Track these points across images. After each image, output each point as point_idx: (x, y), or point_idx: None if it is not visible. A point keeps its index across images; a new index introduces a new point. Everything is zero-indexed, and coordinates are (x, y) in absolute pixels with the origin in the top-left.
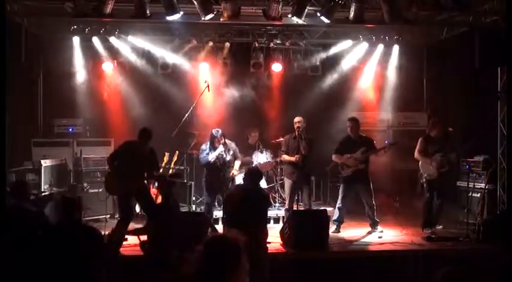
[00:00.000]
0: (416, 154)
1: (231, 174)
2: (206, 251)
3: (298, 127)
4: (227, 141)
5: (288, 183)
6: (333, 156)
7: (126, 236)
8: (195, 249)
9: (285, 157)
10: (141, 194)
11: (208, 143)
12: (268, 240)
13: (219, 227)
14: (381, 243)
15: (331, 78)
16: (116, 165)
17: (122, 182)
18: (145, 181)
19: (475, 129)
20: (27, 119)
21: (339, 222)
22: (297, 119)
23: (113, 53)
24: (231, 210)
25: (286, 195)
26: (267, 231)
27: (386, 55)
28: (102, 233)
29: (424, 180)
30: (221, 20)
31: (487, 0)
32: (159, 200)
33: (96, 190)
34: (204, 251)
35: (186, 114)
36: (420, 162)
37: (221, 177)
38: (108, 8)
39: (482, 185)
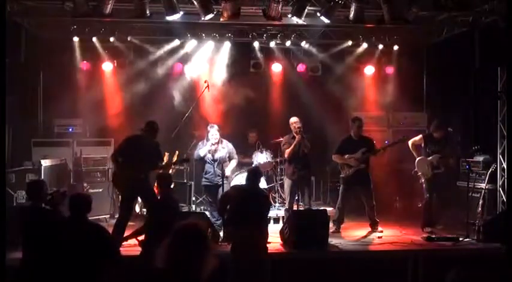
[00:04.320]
0: (410, 143)
1: (224, 170)
2: (173, 240)
3: (299, 127)
4: (224, 141)
5: (288, 183)
6: (333, 157)
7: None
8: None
9: (288, 149)
10: (146, 191)
11: (205, 139)
12: (268, 240)
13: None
14: (380, 243)
15: (331, 78)
16: (121, 161)
17: (129, 176)
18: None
19: (475, 129)
20: (27, 119)
21: (339, 222)
22: (295, 119)
23: (113, 53)
24: (230, 211)
25: (286, 195)
26: (267, 231)
27: (386, 55)
28: None
29: (423, 180)
30: (221, 20)
31: (487, 0)
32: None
33: (96, 190)
34: (171, 241)
35: (186, 114)
36: (417, 160)
37: (214, 171)
38: (108, 8)
39: (482, 185)
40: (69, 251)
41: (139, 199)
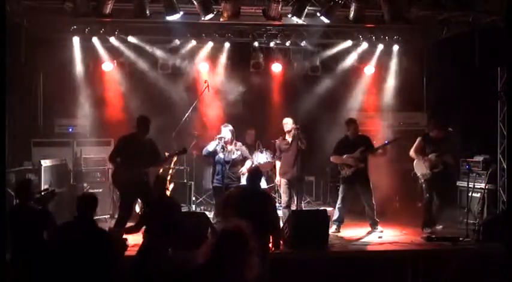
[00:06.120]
0: (411, 152)
1: (240, 171)
2: (219, 242)
3: (294, 127)
4: (238, 143)
5: (282, 182)
6: (331, 158)
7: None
8: (206, 242)
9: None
10: (146, 191)
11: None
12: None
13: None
14: (381, 243)
15: (331, 79)
16: (120, 161)
17: (128, 175)
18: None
19: (475, 129)
20: (27, 119)
21: (339, 222)
22: (291, 122)
23: (113, 53)
24: (231, 211)
25: (282, 192)
26: (269, 232)
27: (386, 55)
28: None
29: (423, 180)
30: (221, 20)
31: (487, 0)
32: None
33: (96, 190)
34: (217, 242)
35: (186, 115)
36: (415, 162)
37: (226, 173)
38: (108, 8)
39: (482, 185)
40: (70, 252)
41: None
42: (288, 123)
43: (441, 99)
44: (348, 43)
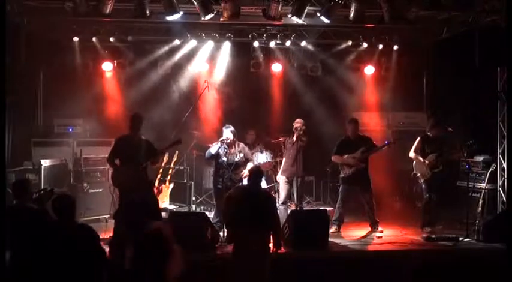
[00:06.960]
0: (411, 153)
1: (242, 173)
2: (140, 245)
3: (296, 127)
4: (241, 144)
5: (282, 178)
6: (332, 158)
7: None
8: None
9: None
10: (145, 190)
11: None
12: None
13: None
14: (380, 243)
15: (331, 79)
16: (117, 162)
17: (128, 175)
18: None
19: (475, 129)
20: (27, 119)
21: (339, 222)
22: (300, 122)
23: (113, 53)
24: (232, 211)
25: (280, 190)
26: (269, 232)
27: (386, 55)
28: (103, 233)
29: (422, 180)
30: (221, 20)
31: (487, 0)
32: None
33: (96, 190)
34: (137, 244)
35: (186, 114)
36: (414, 162)
37: (227, 177)
38: (108, 8)
39: (482, 185)
40: (60, 253)
41: None
42: (296, 122)
43: (441, 99)
44: (348, 43)
